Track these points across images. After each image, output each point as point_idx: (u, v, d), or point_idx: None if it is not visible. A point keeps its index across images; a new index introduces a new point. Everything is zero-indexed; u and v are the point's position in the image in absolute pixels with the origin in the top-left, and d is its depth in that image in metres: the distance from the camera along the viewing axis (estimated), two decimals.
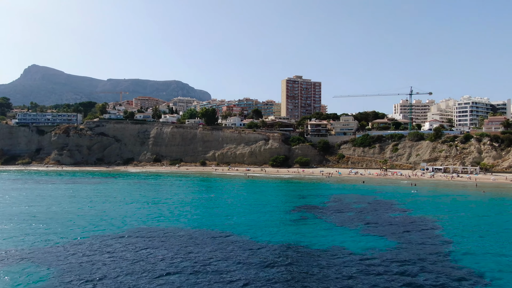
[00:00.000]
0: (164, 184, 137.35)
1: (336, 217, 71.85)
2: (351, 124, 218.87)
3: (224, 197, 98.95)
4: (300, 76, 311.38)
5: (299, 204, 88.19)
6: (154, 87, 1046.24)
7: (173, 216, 71.96)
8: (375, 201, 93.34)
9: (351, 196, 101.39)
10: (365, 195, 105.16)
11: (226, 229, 61.55)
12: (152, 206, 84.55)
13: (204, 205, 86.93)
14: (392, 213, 76.89)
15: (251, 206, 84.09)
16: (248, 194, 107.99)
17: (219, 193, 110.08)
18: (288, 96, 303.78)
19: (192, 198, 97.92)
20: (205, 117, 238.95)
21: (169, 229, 61.06)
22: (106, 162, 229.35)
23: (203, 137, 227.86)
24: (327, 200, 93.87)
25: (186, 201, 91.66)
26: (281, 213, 77.13)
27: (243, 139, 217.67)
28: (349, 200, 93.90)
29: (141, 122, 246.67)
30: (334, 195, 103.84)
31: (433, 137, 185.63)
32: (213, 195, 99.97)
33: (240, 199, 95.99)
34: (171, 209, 79.89)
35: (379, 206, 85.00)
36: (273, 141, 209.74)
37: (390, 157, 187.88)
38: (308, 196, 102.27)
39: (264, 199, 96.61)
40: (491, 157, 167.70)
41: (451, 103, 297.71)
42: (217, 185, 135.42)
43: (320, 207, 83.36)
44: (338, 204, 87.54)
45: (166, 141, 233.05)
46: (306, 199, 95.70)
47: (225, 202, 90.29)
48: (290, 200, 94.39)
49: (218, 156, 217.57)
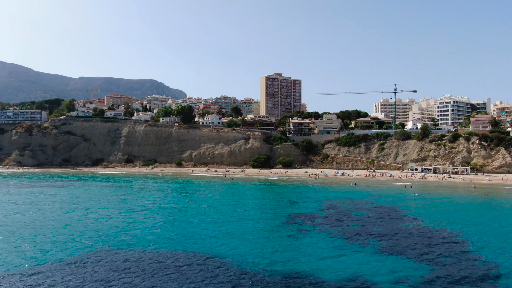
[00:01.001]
0: (135, 187, 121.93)
1: (340, 230, 59.35)
2: (334, 123, 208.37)
3: (203, 204, 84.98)
4: (280, 73, 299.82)
5: (291, 211, 75.36)
6: (128, 85, 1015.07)
7: (142, 233, 57.61)
8: (375, 207, 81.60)
9: (347, 201, 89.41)
10: (362, 199, 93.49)
11: (207, 250, 47.97)
12: (118, 216, 69.80)
13: (181, 215, 72.74)
14: (402, 223, 65.10)
15: (236, 216, 70.56)
16: (231, 199, 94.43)
17: (197, 198, 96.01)
18: (268, 94, 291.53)
19: (166, 205, 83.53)
20: (181, 115, 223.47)
21: (134, 253, 46.92)
22: (73, 163, 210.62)
23: (179, 136, 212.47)
24: (322, 207, 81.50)
25: (159, 210, 77.26)
26: (273, 224, 64.03)
27: (222, 138, 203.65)
28: (346, 206, 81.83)
29: (112, 120, 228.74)
30: (327, 200, 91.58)
31: (420, 136, 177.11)
32: (191, 202, 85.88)
33: (222, 206, 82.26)
34: (140, 222, 65.43)
35: (383, 214, 73.18)
36: (254, 140, 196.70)
37: (376, 157, 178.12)
38: (299, 201, 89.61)
39: (250, 206, 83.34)
40: (481, 156, 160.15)
41: (432, 102, 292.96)
42: (194, 188, 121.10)
43: (316, 216, 70.77)
44: (336, 212, 75.23)
45: (139, 141, 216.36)
46: (297, 206, 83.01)
47: (205, 211, 76.36)
48: (280, 207, 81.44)
49: (195, 156, 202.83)
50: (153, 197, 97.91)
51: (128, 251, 47.35)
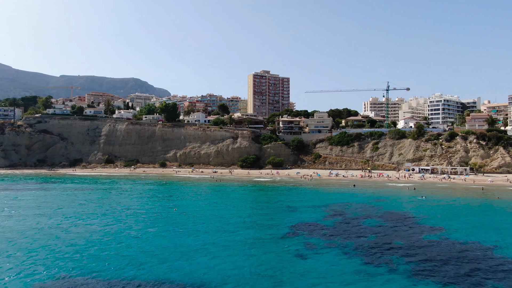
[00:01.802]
0: (113, 191, 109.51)
1: (355, 245, 48.99)
2: (326, 121, 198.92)
3: (188, 212, 73.57)
4: (268, 71, 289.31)
5: (291, 221, 64.71)
6: (111, 84, 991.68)
7: (107, 254, 46.12)
8: (385, 213, 71.67)
9: (352, 207, 79.32)
10: (366, 204, 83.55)
11: (190, 279, 36.95)
12: (83, 230, 58.02)
13: (161, 227, 61.21)
14: (424, 234, 55.18)
15: (227, 229, 59.39)
16: (220, 205, 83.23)
17: (182, 204, 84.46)
18: (255, 92, 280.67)
19: (145, 214, 71.82)
20: (165, 113, 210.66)
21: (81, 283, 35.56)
22: (49, 163, 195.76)
23: (162, 135, 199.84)
24: (326, 213, 71.17)
25: (137, 221, 65.57)
26: (272, 238, 53.23)
27: (209, 137, 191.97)
28: (353, 213, 71.69)
29: (91, 118, 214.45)
30: (329, 205, 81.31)
31: (415, 135, 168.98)
32: (175, 210, 74.33)
33: (211, 214, 71.06)
34: (114, 237, 53.85)
35: (397, 222, 63.25)
36: (242, 140, 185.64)
37: (370, 156, 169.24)
38: (298, 206, 79.01)
39: (243, 213, 72.37)
40: (479, 156, 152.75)
41: (422, 101, 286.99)
42: (179, 192, 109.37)
43: (322, 226, 60.31)
44: (343, 220, 64.92)
45: (120, 140, 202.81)
46: (297, 213, 72.38)
47: (190, 221, 64.98)
48: (277, 215, 70.69)
49: (180, 156, 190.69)
50: (131, 203, 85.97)
51: (76, 279, 35.92)
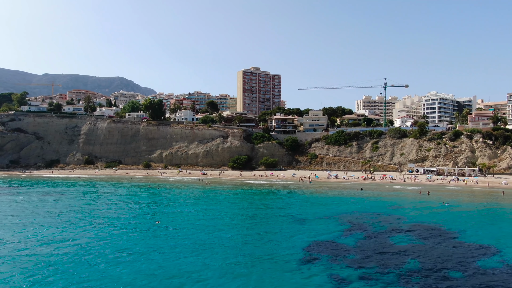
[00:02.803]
0: (89, 197, 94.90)
1: (399, 279, 36.23)
2: (321, 120, 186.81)
3: (173, 225, 59.78)
4: (258, 67, 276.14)
5: (303, 238, 51.63)
6: (96, 83, 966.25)
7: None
8: (412, 226, 59.08)
9: (368, 216, 66.73)
10: (383, 212, 70.98)
11: None
12: (41, 249, 43.99)
13: (140, 249, 47.50)
14: (476, 258, 42.76)
15: (222, 255, 46.03)
16: (211, 215, 69.39)
17: (166, 214, 70.60)
18: (245, 90, 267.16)
19: (122, 229, 57.81)
20: (150, 110, 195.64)
21: None
22: (22, 165, 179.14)
23: (147, 134, 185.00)
24: (342, 227, 58.29)
25: (110, 239, 51.56)
26: (285, 269, 39.95)
27: (197, 136, 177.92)
28: (373, 225, 59.04)
29: (70, 116, 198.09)
30: (341, 215, 68.47)
31: (417, 134, 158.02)
32: (158, 222, 60.54)
33: (200, 230, 57.26)
34: (70, 262, 40.00)
35: (434, 239, 50.78)
36: (233, 139, 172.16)
37: (370, 157, 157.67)
38: (306, 218, 65.89)
39: (241, 229, 58.95)
40: (486, 156, 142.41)
41: (416, 100, 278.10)
42: (164, 198, 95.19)
43: (343, 247, 47.33)
44: (367, 237, 52.17)
45: (101, 139, 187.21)
46: (307, 227, 59.29)
47: (175, 241, 51.38)
48: (284, 231, 57.28)
49: (166, 156, 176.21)
50: (107, 212, 71.71)
51: None
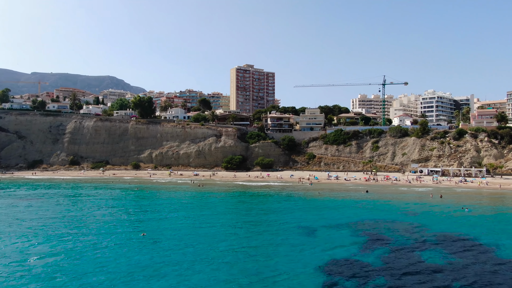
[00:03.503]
0: (69, 201, 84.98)
1: None
2: (318, 118, 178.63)
3: (161, 238, 50.57)
4: (252, 65, 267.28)
5: (317, 255, 42.83)
6: (86, 82, 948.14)
7: None
8: (438, 237, 50.64)
9: (385, 225, 58.23)
10: (400, 220, 62.50)
11: None
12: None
13: (120, 272, 38.35)
14: None
15: (222, 275, 37.13)
16: (205, 226, 60.02)
17: (153, 223, 61.36)
18: (238, 88, 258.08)
19: (101, 242, 48.38)
20: (139, 108, 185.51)
21: None
22: (3, 165, 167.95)
23: (136, 133, 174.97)
24: (359, 240, 49.55)
25: (85, 257, 42.31)
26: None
27: (189, 135, 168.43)
28: (394, 237, 50.48)
29: (54, 114, 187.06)
30: (355, 223, 59.81)
31: (419, 132, 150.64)
32: (143, 234, 51.30)
33: (192, 245, 48.09)
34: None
35: (469, 255, 42.38)
36: (226, 138, 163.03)
37: (370, 157, 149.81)
38: (315, 228, 56.88)
39: (241, 241, 50.10)
40: (492, 156, 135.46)
41: (413, 98, 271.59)
42: (152, 203, 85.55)
43: (367, 267, 38.57)
44: (392, 253, 43.55)
45: (87, 138, 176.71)
46: (319, 240, 50.38)
47: (162, 259, 42.22)
48: (293, 246, 48.37)
49: (156, 156, 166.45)
50: (86, 220, 62.25)
51: None
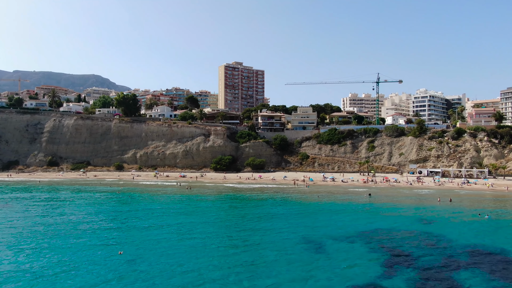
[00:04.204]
0: (39, 207, 75.10)
1: None
2: (311, 117, 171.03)
3: (141, 258, 41.69)
4: (241, 62, 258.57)
5: (328, 278, 34.85)
6: (70, 81, 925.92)
7: None
8: (471, 253, 43.11)
9: (400, 237, 50.55)
10: (417, 231, 54.83)
11: None
12: None
13: None
14: None
15: None
16: (193, 238, 51.44)
17: (133, 236, 52.25)
18: (227, 86, 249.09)
19: (66, 264, 39.46)
20: (123, 106, 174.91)
21: None
22: None
23: (119, 132, 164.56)
24: (376, 256, 41.63)
25: (43, 284, 33.36)
26: None
27: (175, 135, 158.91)
28: (419, 254, 42.76)
29: (31, 112, 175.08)
30: (365, 233, 52.00)
31: (416, 132, 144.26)
32: (120, 253, 42.52)
33: (178, 262, 39.51)
34: None
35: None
36: (215, 137, 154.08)
37: (366, 157, 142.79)
38: (322, 241, 48.86)
39: (235, 260, 41.57)
40: (492, 156, 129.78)
41: (404, 97, 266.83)
42: (134, 209, 76.15)
43: None
44: (421, 273, 35.85)
45: (67, 137, 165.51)
46: (328, 256, 42.31)
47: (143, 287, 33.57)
48: (296, 264, 40.17)
49: (141, 157, 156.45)
50: (54, 232, 52.89)
51: None
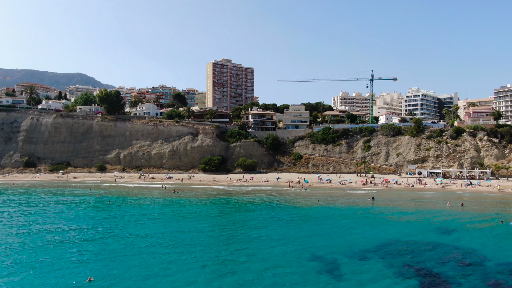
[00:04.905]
0: (10, 213, 65.66)
1: None
2: (304, 115, 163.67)
3: (116, 285, 33.41)
4: (229, 59, 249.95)
5: None
6: (54, 79, 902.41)
7: None
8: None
9: (422, 251, 43.20)
10: (440, 243, 47.55)
11: None
12: None
13: None
14: None
15: None
16: (179, 255, 43.12)
17: (108, 255, 43.53)
18: (216, 83, 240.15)
19: None
20: (106, 104, 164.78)
21: None
22: None
23: (102, 131, 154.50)
24: (405, 280, 34.22)
25: None
26: None
27: (161, 134, 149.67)
28: (452, 275, 35.45)
29: (7, 109, 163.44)
30: (381, 248, 44.50)
31: (414, 131, 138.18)
32: (90, 279, 34.07)
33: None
34: None
35: None
36: (204, 136, 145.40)
37: (362, 157, 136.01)
38: (332, 258, 41.20)
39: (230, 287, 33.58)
40: (493, 156, 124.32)
41: (396, 96, 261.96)
42: (113, 217, 66.97)
43: None
44: None
45: (45, 137, 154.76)
46: (349, 281, 34.77)
47: None
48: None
49: (125, 157, 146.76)
50: (13, 249, 43.91)
51: None
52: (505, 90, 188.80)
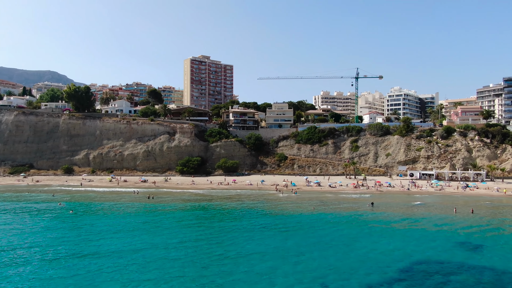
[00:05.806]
0: None
1: None
2: (287, 114, 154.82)
3: None
4: (208, 56, 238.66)
5: None
6: (23, 77, 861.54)
7: None
8: None
9: (459, 283, 34.64)
10: (470, 267, 39.18)
11: None
12: None
13: None
14: None
15: None
16: (154, 278, 33.13)
17: (63, 278, 32.98)
18: (193, 81, 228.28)
19: None
20: (74, 100, 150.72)
21: None
22: None
23: (69, 129, 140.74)
24: None
25: None
26: None
27: (135, 133, 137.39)
28: None
29: None
30: (404, 274, 35.65)
31: (403, 130, 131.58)
32: None
33: None
34: None
35: None
36: (181, 136, 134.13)
37: (350, 158, 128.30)
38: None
39: None
40: (485, 157, 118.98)
41: (377, 96, 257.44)
42: (74, 230, 55.48)
43: None
44: None
45: (5, 136, 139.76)
46: None
47: None
48: None
49: (95, 158, 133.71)
50: None
51: None
52: (488, 90, 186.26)
